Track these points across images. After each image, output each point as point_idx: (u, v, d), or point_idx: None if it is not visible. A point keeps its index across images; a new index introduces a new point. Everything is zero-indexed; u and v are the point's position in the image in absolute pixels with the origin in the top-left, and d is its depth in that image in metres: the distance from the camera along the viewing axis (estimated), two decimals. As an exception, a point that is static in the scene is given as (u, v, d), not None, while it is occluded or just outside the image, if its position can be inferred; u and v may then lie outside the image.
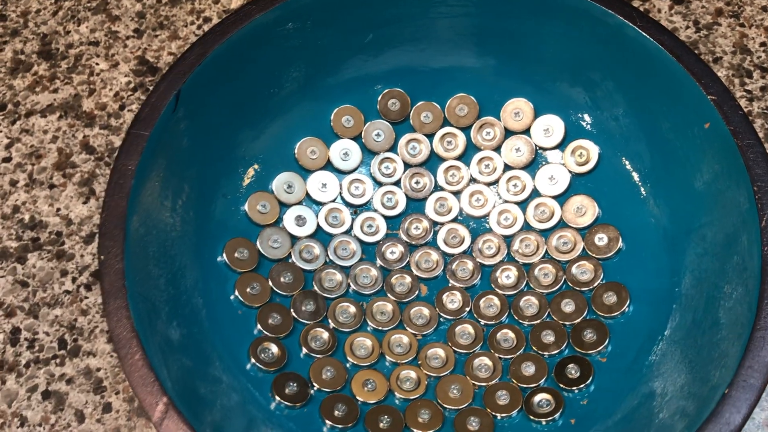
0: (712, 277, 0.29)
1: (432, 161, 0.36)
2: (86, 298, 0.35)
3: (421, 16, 0.33)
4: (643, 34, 0.31)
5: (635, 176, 0.33)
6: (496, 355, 0.32)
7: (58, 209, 0.37)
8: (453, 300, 0.34)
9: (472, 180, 0.35)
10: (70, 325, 0.35)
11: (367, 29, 0.34)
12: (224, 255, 0.33)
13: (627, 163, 0.34)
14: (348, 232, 0.35)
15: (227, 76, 0.32)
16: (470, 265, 0.34)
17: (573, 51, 0.33)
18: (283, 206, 0.35)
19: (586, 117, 0.34)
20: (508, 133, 0.35)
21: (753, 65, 0.40)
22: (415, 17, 0.33)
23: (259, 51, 0.32)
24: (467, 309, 0.33)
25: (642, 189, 0.33)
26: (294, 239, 0.34)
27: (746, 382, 0.26)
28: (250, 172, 0.34)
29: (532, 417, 0.30)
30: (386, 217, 0.35)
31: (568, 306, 0.33)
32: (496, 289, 0.33)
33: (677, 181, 0.31)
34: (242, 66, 0.32)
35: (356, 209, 0.35)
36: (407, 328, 0.33)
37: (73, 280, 0.36)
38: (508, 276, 0.34)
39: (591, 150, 0.34)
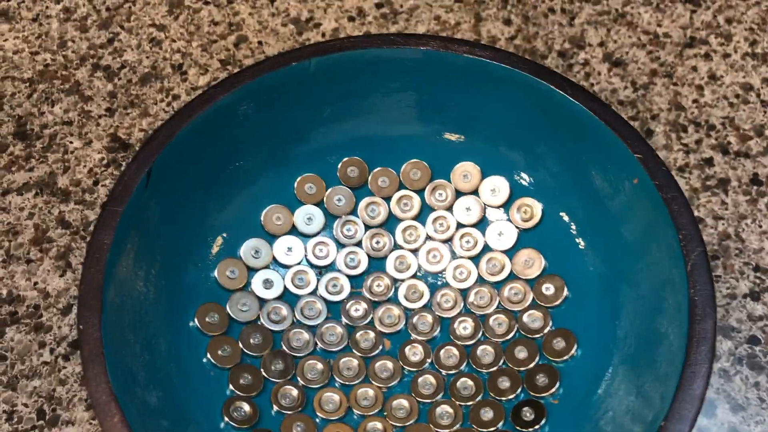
0: (647, 320, 0.32)
1: (390, 222, 0.38)
2: (64, 368, 0.37)
3: (371, 91, 0.36)
4: (573, 101, 0.34)
5: (573, 229, 0.36)
6: (457, 402, 0.34)
7: (36, 283, 0.39)
8: (415, 352, 0.36)
9: (428, 238, 0.38)
10: (48, 396, 0.36)
11: (324, 104, 0.37)
12: (196, 320, 0.34)
13: (566, 217, 0.36)
14: (314, 292, 0.37)
15: (194, 154, 0.34)
16: (430, 318, 0.36)
17: (509, 116, 0.36)
18: (252, 271, 0.37)
19: (526, 177, 0.37)
20: (459, 193, 0.38)
21: (687, 120, 0.43)
22: (366, 93, 0.36)
23: (223, 130, 0.35)
24: (429, 360, 0.35)
25: (580, 241, 0.36)
26: (262, 302, 0.36)
27: (680, 414, 0.28)
28: (219, 240, 0.37)
29: (492, 460, 0.32)
30: (350, 277, 0.37)
31: (521, 353, 0.35)
32: (455, 340, 0.36)
33: (611, 232, 0.34)
34: (208, 144, 0.35)
35: (321, 270, 0.37)
36: (373, 382, 0.35)
37: (51, 351, 0.37)
38: (465, 327, 0.36)
39: (534, 207, 0.37)
